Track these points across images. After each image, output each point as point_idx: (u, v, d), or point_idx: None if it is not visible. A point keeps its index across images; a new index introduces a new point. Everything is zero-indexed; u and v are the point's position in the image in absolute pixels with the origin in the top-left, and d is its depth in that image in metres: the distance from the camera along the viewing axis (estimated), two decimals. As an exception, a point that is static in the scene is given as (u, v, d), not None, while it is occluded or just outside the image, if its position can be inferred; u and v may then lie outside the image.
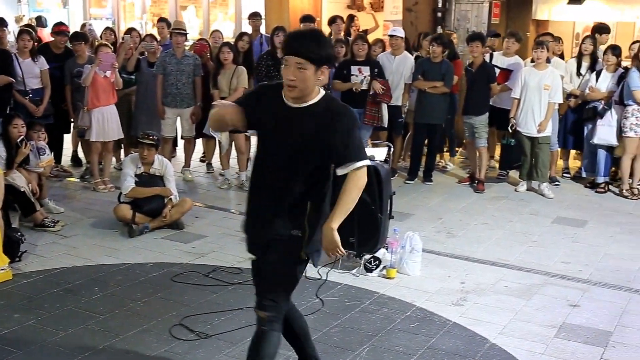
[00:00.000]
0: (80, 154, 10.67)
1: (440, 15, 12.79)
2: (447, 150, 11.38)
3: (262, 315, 3.99)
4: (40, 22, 15.79)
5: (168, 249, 7.24)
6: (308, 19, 11.21)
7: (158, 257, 7.01)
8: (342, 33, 11.27)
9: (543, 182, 9.67)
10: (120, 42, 10.49)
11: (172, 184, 8.05)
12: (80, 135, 9.84)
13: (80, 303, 5.83)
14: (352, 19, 12.80)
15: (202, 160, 11.11)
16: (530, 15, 13.47)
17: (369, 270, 6.61)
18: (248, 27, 12.69)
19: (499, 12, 12.74)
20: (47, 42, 11.06)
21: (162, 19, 12.10)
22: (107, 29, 11.68)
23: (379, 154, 7.26)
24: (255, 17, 11.89)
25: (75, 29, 11.64)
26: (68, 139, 10.73)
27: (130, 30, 11.08)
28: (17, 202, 7.58)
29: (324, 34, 4.19)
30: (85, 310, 5.68)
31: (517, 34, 10.46)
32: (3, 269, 6.25)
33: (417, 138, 10.19)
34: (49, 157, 8.35)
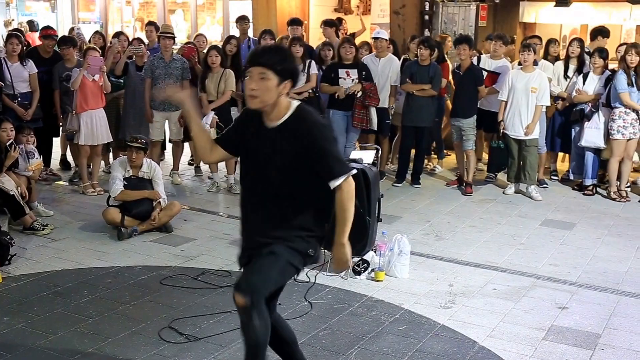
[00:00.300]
0: (69, 158, 10.65)
1: (428, 18, 12.81)
2: (434, 153, 11.39)
3: (238, 302, 3.83)
4: (33, 26, 15.77)
5: (157, 252, 7.23)
6: (295, 22, 11.22)
7: (147, 260, 7.00)
8: (333, 37, 11.24)
9: (531, 184, 9.68)
10: (109, 45, 10.48)
11: (160, 187, 8.05)
12: (69, 139, 9.83)
13: (70, 306, 5.82)
14: (340, 22, 12.83)
15: (190, 164, 11.11)
16: (518, 18, 13.55)
17: (357, 273, 6.61)
18: (236, 30, 12.73)
19: (486, 14, 12.79)
20: (35, 46, 11.06)
21: (150, 23, 12.08)
22: (96, 33, 11.66)
23: (367, 157, 7.28)
24: (243, 20, 11.94)
25: (64, 33, 11.63)
26: (57, 143, 10.75)
27: (119, 34, 11.10)
28: (6, 205, 7.60)
29: (289, 50, 4.24)
30: (75, 313, 5.68)
31: (504, 37, 10.51)
32: (-8, 273, 6.26)
33: (405, 141, 10.17)
34: (38, 160, 8.35)
